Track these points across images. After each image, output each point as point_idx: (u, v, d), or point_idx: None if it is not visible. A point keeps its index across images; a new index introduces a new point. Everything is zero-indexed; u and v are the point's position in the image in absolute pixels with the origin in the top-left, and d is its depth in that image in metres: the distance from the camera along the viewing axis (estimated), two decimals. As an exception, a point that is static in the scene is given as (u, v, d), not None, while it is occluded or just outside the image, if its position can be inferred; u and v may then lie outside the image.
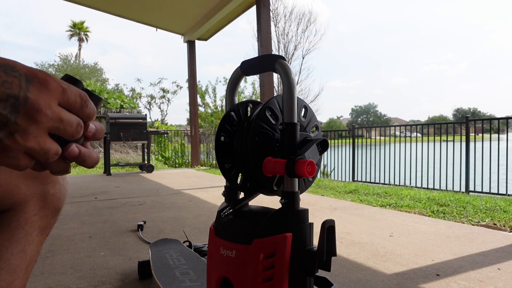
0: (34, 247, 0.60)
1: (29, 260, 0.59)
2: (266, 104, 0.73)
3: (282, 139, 0.70)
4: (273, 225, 0.68)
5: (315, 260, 0.66)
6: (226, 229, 0.74)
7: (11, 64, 0.31)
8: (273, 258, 0.66)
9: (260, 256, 0.66)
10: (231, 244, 0.71)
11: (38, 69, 0.33)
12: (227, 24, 5.12)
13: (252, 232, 0.69)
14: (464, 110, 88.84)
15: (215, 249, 0.75)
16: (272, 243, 0.66)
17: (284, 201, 0.70)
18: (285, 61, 0.72)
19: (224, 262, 0.71)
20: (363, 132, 9.74)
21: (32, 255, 0.59)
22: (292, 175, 0.64)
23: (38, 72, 0.32)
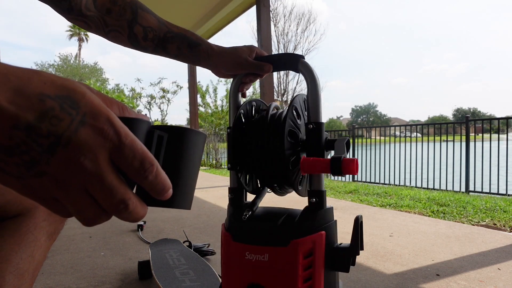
0: (42, 252, 0.60)
1: (36, 265, 0.59)
2: (293, 104, 0.73)
3: (310, 138, 0.71)
4: (307, 225, 0.69)
5: (349, 256, 0.67)
6: (250, 232, 0.69)
7: (75, 98, 0.27)
8: (311, 258, 0.66)
9: (299, 257, 0.65)
10: (261, 248, 0.67)
11: (108, 109, 0.28)
12: (227, 24, 5.12)
13: (287, 233, 0.68)
14: (464, 110, 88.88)
15: (237, 255, 0.69)
16: (310, 243, 0.67)
17: (315, 199, 0.73)
18: (307, 61, 0.73)
19: (253, 268, 0.67)
20: (363, 132, 9.74)
21: (40, 259, 0.60)
22: (339, 173, 0.66)
23: (102, 115, 0.27)
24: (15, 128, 0.25)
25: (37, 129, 0.25)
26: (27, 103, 0.25)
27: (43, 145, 0.25)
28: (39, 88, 0.26)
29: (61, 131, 0.26)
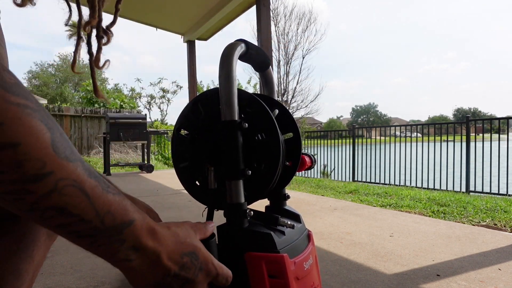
0: (42, 252, 0.60)
1: (36, 265, 0.59)
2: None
3: None
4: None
5: None
6: (293, 242, 0.63)
7: (196, 253, 0.44)
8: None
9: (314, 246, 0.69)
10: (307, 253, 0.64)
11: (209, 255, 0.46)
12: (227, 24, 5.11)
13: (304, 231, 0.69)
14: (464, 110, 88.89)
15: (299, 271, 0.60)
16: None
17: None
18: None
19: (311, 274, 0.64)
20: (363, 132, 9.74)
21: (39, 260, 0.60)
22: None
23: (209, 262, 0.45)
24: (167, 275, 0.41)
25: (178, 276, 0.42)
26: (176, 260, 0.42)
27: (178, 283, 0.43)
28: (181, 249, 0.43)
29: (190, 276, 0.43)
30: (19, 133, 0.30)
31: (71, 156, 0.34)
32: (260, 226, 0.60)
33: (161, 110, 27.20)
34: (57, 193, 0.32)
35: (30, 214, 0.33)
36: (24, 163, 0.31)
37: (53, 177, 0.32)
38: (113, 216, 0.36)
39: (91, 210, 0.35)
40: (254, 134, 0.63)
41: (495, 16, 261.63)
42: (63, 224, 0.34)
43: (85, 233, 0.36)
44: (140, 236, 0.38)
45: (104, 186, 0.37)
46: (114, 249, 0.37)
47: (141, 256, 0.39)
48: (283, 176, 0.71)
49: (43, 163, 0.32)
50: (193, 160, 0.68)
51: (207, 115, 0.66)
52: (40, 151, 0.31)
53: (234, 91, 0.59)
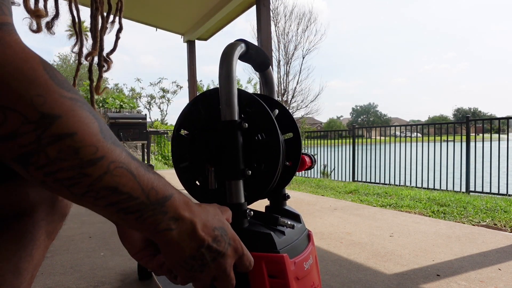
0: (41, 251, 0.60)
1: (35, 264, 0.59)
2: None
3: None
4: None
5: None
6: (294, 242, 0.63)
7: (225, 228, 0.47)
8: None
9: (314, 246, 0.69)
10: (307, 253, 0.64)
11: (235, 233, 0.49)
12: (227, 24, 5.11)
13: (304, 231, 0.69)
14: (464, 110, 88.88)
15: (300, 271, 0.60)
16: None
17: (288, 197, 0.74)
18: None
19: (311, 274, 0.64)
20: (363, 132, 9.74)
21: (39, 259, 0.60)
22: None
23: (236, 239, 0.48)
24: (202, 247, 0.44)
25: (211, 248, 0.45)
26: (208, 232, 0.45)
27: (211, 256, 0.45)
28: (212, 223, 0.46)
29: (221, 248, 0.46)
30: (74, 123, 0.35)
31: (116, 141, 0.39)
32: (260, 226, 0.60)
33: (161, 110, 27.22)
34: (109, 174, 0.37)
35: (84, 196, 0.37)
36: (81, 150, 0.35)
37: (105, 160, 0.36)
38: (156, 191, 0.41)
39: (138, 187, 0.39)
40: (254, 134, 0.63)
41: (495, 16, 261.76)
42: (114, 202, 0.38)
43: (133, 208, 0.39)
44: (178, 208, 0.42)
45: (144, 166, 0.41)
46: (158, 220, 0.41)
47: (179, 226, 0.43)
48: (283, 176, 0.71)
49: (96, 148, 0.36)
50: (193, 160, 0.68)
51: (207, 115, 0.66)
52: (92, 138, 0.36)
53: (234, 91, 0.59)
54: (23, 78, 0.33)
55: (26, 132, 0.33)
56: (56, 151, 0.34)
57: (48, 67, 0.35)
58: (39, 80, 0.33)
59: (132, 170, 0.39)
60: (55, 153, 0.34)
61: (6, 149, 0.33)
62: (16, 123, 0.33)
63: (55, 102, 0.34)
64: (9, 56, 0.33)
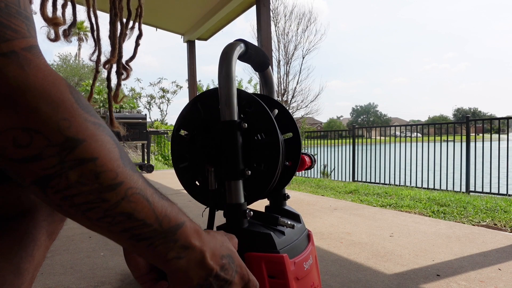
0: (42, 252, 0.60)
1: (36, 264, 0.59)
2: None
3: None
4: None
5: None
6: (293, 242, 0.63)
7: (232, 256, 0.48)
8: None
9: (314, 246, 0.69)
10: (307, 253, 0.64)
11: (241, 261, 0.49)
12: (227, 24, 5.11)
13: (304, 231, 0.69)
14: (464, 110, 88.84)
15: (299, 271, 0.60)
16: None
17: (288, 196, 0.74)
18: None
19: (311, 274, 0.64)
20: (363, 132, 9.74)
21: (39, 259, 0.60)
22: None
23: (243, 266, 0.49)
24: (210, 275, 0.44)
25: (218, 277, 0.45)
26: (217, 260, 0.45)
27: (218, 285, 0.45)
28: (220, 251, 0.46)
29: (228, 277, 0.46)
30: (97, 148, 0.35)
31: (133, 167, 0.39)
32: (260, 226, 0.60)
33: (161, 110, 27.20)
34: (126, 200, 0.37)
35: (99, 221, 0.38)
36: (101, 175, 0.35)
37: (124, 186, 0.37)
38: (169, 219, 0.41)
39: (152, 214, 0.39)
40: (253, 134, 0.63)
41: (495, 16, 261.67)
42: (129, 228, 0.38)
43: (145, 235, 0.39)
44: (189, 236, 0.43)
45: (158, 193, 0.41)
46: (168, 248, 0.41)
47: (189, 254, 0.43)
48: (283, 176, 0.71)
49: (116, 174, 0.36)
50: (193, 160, 0.68)
51: (206, 115, 0.66)
52: (113, 163, 0.36)
53: (233, 91, 0.58)
54: (51, 102, 0.33)
55: (49, 155, 0.33)
56: (77, 175, 0.34)
57: (74, 90, 0.35)
58: (66, 104, 0.34)
59: (148, 197, 0.39)
60: (76, 177, 0.34)
61: (28, 170, 0.33)
62: (41, 146, 0.33)
63: (80, 126, 0.34)
64: (39, 79, 0.33)
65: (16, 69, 0.32)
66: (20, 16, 0.34)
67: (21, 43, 0.33)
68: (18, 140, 0.32)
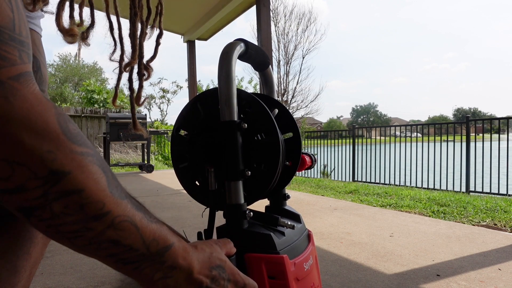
0: (39, 249, 0.60)
1: (33, 262, 0.59)
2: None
3: None
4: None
5: None
6: (294, 242, 0.62)
7: (223, 266, 0.48)
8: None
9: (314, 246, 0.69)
10: (307, 254, 0.64)
11: (234, 267, 0.49)
12: (227, 24, 5.11)
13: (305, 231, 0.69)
14: (464, 110, 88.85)
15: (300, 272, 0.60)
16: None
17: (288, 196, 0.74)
18: None
19: (312, 274, 0.64)
20: (363, 132, 9.74)
21: (37, 257, 0.59)
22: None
23: (235, 273, 0.49)
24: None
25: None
26: (206, 273, 0.45)
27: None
28: (209, 263, 0.46)
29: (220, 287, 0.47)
30: (83, 180, 0.35)
31: (121, 194, 0.39)
32: (260, 227, 0.60)
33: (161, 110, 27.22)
34: (112, 228, 0.37)
35: (86, 247, 0.38)
36: (86, 206, 0.35)
37: (111, 215, 0.37)
38: (157, 242, 0.41)
39: (139, 239, 0.39)
40: (253, 134, 0.62)
41: (495, 16, 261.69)
42: (114, 253, 0.39)
43: (132, 259, 0.40)
44: (177, 257, 0.43)
45: (147, 216, 0.42)
46: (155, 269, 0.42)
47: (176, 273, 0.43)
48: (283, 176, 0.70)
49: (103, 204, 0.36)
50: (193, 160, 0.68)
51: (206, 116, 0.66)
52: (99, 193, 0.36)
53: (233, 91, 0.58)
54: (35, 134, 0.32)
55: (33, 188, 0.33)
56: (62, 206, 0.34)
57: (62, 119, 0.35)
58: (52, 135, 0.33)
59: (136, 223, 0.39)
60: (60, 208, 0.34)
61: (10, 201, 0.33)
62: (24, 178, 0.32)
63: (65, 158, 0.34)
64: (24, 110, 0.32)
65: (0, 100, 0.31)
66: (13, 41, 0.33)
67: (9, 71, 0.32)
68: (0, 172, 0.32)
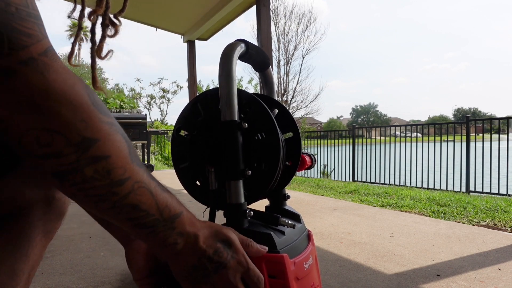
0: (38, 251, 0.59)
1: (32, 265, 0.58)
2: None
3: None
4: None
5: None
6: (294, 242, 0.62)
7: (229, 242, 0.49)
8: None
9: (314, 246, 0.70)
10: (307, 253, 0.64)
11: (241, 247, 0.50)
12: (227, 24, 5.10)
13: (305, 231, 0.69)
14: (464, 110, 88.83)
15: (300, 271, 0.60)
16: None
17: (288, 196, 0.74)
18: None
19: (311, 274, 0.64)
20: (363, 132, 9.74)
21: (35, 259, 0.59)
22: None
23: (240, 252, 0.50)
24: (203, 257, 0.47)
25: (211, 259, 0.48)
26: (210, 244, 0.48)
27: (213, 267, 0.48)
28: (215, 236, 0.49)
29: (222, 260, 0.48)
30: (110, 147, 0.39)
31: (139, 162, 0.43)
32: (260, 226, 0.60)
33: (161, 110, 27.22)
34: (133, 193, 0.41)
35: (109, 210, 0.41)
36: (112, 171, 0.39)
37: (131, 180, 0.41)
38: (169, 209, 0.45)
39: (154, 205, 0.43)
40: (254, 134, 0.63)
41: (495, 16, 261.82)
42: (133, 217, 0.42)
43: (148, 224, 0.43)
44: (185, 224, 0.47)
45: (160, 185, 0.45)
46: (167, 235, 0.46)
47: (184, 240, 0.47)
48: (283, 176, 0.71)
49: (124, 170, 0.40)
50: (193, 160, 0.68)
51: (207, 115, 0.66)
52: (123, 160, 0.40)
53: (234, 91, 0.58)
54: (70, 105, 0.36)
55: (68, 153, 0.37)
56: (92, 171, 0.38)
57: (90, 92, 0.39)
58: (84, 106, 0.37)
59: (151, 190, 0.43)
60: (90, 173, 0.38)
61: (48, 165, 0.37)
62: (61, 145, 0.36)
63: (95, 127, 0.38)
64: (59, 83, 0.36)
65: (37, 76, 0.34)
66: (31, 17, 0.35)
67: (37, 48, 0.35)
68: (41, 139, 0.36)
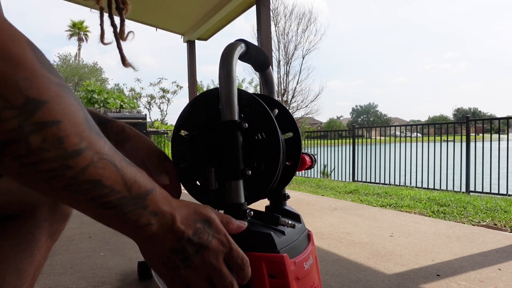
0: (43, 252, 0.60)
1: (37, 265, 0.59)
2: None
3: None
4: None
5: None
6: (294, 242, 0.62)
7: (209, 221, 0.46)
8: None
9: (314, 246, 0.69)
10: (307, 253, 0.63)
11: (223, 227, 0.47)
12: (227, 24, 5.11)
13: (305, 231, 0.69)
14: (464, 110, 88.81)
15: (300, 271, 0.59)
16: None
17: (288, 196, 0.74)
18: None
19: (311, 274, 0.64)
20: (363, 132, 9.74)
21: (40, 260, 0.59)
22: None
23: (221, 232, 0.46)
24: (181, 239, 0.43)
25: (191, 240, 0.43)
26: (189, 224, 0.44)
27: (193, 249, 0.43)
28: (194, 216, 0.45)
29: (203, 241, 0.44)
30: (60, 111, 0.32)
31: (99, 132, 0.36)
32: (260, 226, 0.60)
33: (161, 110, 27.22)
34: (93, 166, 0.34)
35: (63, 190, 0.34)
36: (65, 139, 0.32)
37: (89, 151, 0.34)
38: (138, 185, 0.39)
39: (120, 180, 0.37)
40: (254, 134, 0.63)
41: (495, 16, 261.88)
42: (96, 196, 0.36)
43: (114, 203, 0.37)
44: (159, 202, 0.41)
45: (125, 159, 0.39)
46: (138, 215, 0.40)
47: (159, 220, 0.42)
48: (283, 176, 0.71)
49: (80, 138, 0.33)
50: (193, 160, 0.68)
51: (207, 115, 0.66)
52: (77, 127, 0.33)
53: (234, 91, 0.58)
54: (9, 59, 0.30)
55: (8, 118, 0.29)
56: (39, 140, 0.31)
57: (35, 48, 0.32)
58: (27, 62, 0.31)
59: (115, 163, 0.36)
60: (38, 142, 0.31)
61: None
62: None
63: (42, 86, 0.31)
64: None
65: None
66: None
67: None
68: None
